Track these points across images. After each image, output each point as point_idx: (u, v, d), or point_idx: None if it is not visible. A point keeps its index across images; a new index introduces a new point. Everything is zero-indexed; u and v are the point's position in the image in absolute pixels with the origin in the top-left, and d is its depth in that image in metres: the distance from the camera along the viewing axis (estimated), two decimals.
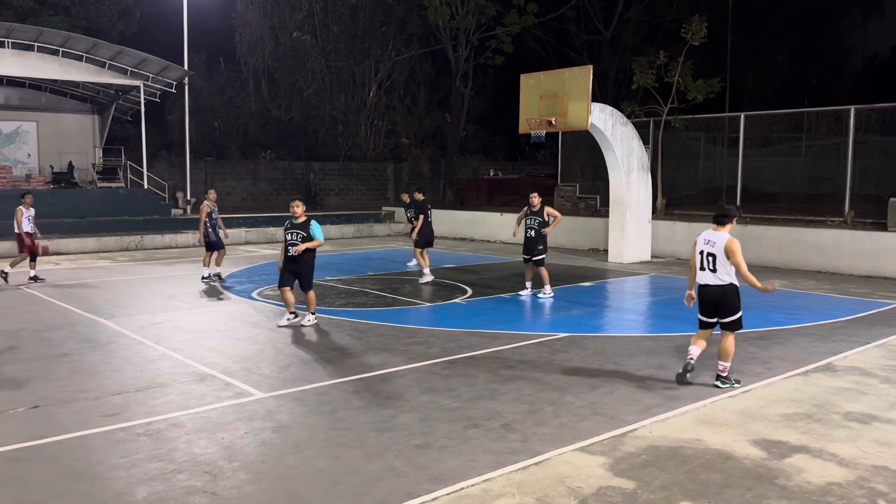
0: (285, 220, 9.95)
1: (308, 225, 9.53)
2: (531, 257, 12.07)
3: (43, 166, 26.11)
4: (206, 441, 5.60)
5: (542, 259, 12.00)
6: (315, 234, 9.51)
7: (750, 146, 19.37)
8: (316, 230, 9.53)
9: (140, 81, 24.07)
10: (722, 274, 6.92)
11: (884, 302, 11.85)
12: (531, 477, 4.96)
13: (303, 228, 9.51)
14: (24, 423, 6.00)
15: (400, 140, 39.34)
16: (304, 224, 9.55)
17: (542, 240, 11.97)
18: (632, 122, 17.46)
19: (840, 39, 44.30)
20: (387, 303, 11.67)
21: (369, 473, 5.00)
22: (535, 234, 11.97)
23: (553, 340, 8.99)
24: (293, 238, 9.47)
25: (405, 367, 7.68)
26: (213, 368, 7.65)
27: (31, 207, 13.66)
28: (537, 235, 11.94)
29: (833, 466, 5.17)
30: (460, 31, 30.96)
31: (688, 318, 10.40)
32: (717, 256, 6.88)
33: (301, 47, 36.65)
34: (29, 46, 22.00)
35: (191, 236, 21.37)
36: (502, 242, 22.46)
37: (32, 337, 9.18)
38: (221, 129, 36.78)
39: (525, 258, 12.25)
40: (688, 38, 19.69)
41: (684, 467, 5.13)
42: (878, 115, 17.24)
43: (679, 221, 18.62)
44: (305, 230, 9.49)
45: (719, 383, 7.04)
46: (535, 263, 12.06)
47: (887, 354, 8.44)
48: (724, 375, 7.07)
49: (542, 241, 11.97)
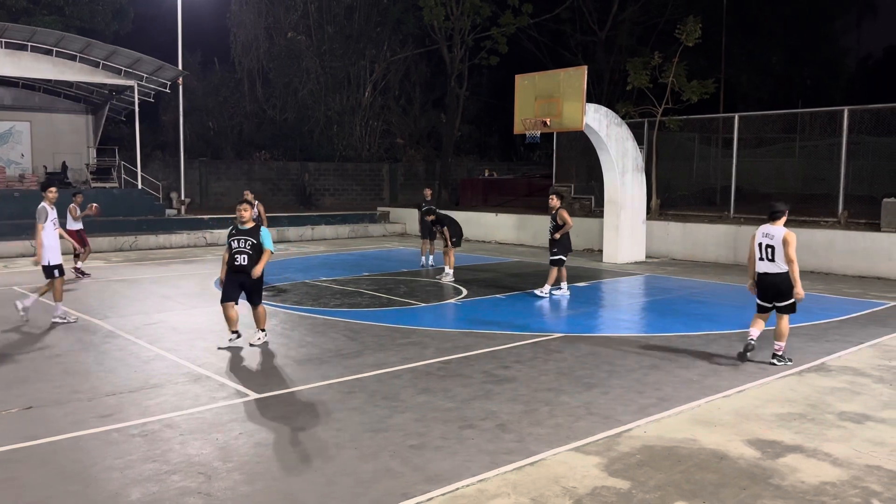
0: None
1: (258, 232, 8.44)
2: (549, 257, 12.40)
3: (36, 166, 26.00)
4: (201, 442, 5.58)
5: (557, 259, 12.20)
6: (266, 243, 8.46)
7: (744, 147, 19.43)
8: (266, 238, 8.49)
9: (134, 81, 24.01)
10: (780, 263, 7.78)
11: (877, 302, 11.89)
12: (526, 477, 4.96)
13: (251, 235, 8.39)
14: (17, 424, 5.98)
15: (395, 140, 39.33)
16: (253, 231, 8.43)
17: (557, 241, 12.14)
18: (626, 123, 17.48)
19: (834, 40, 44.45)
20: (382, 303, 11.66)
21: (364, 474, 5.00)
22: (550, 235, 12.30)
23: (548, 341, 8.99)
24: (241, 246, 8.34)
25: (400, 368, 7.68)
26: (208, 369, 7.64)
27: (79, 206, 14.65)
28: (551, 238, 12.24)
29: (827, 466, 5.18)
30: (455, 31, 30.98)
31: (682, 319, 10.44)
32: (775, 248, 7.78)
33: (296, 47, 36.62)
34: (22, 46, 21.92)
35: (185, 237, 21.34)
36: (497, 243, 22.47)
37: (26, 337, 9.14)
38: (216, 130, 36.71)
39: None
40: (682, 38, 19.75)
41: (679, 467, 5.14)
42: (872, 116, 17.31)
43: (673, 222, 18.66)
44: (255, 237, 8.39)
45: (775, 361, 7.92)
46: (550, 263, 12.29)
47: (881, 354, 8.47)
48: (780, 354, 7.96)
49: (557, 242, 12.14)
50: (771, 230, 7.84)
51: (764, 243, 7.89)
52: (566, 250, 12.28)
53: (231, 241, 8.42)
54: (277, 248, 19.47)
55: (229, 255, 8.39)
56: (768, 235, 7.85)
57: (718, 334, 9.42)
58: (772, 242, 7.79)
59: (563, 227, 12.09)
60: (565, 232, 12.14)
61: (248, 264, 8.30)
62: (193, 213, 25.26)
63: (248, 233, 8.41)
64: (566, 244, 12.26)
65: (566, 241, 12.24)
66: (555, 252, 12.17)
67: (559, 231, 12.08)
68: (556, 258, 12.18)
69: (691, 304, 11.74)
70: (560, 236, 12.10)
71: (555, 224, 12.16)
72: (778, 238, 7.72)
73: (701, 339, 9.13)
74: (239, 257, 8.33)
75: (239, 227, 8.50)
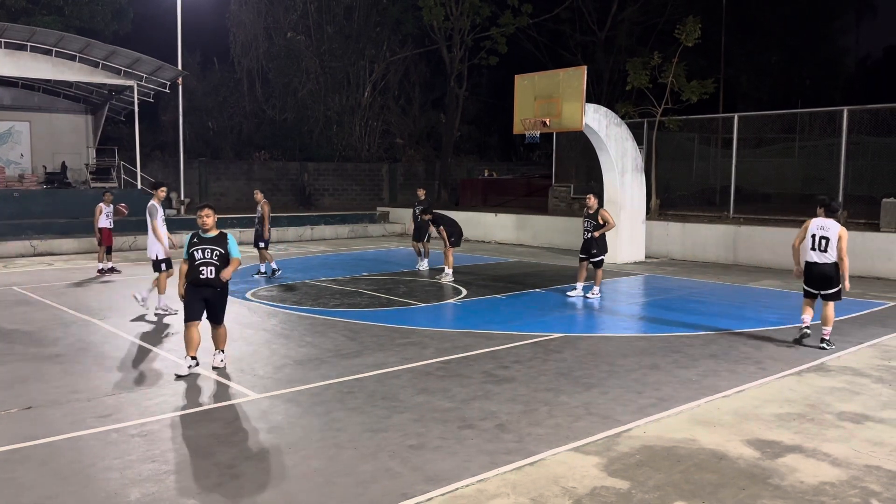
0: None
1: (224, 240, 7.55)
2: (588, 258, 12.31)
3: (36, 166, 26.00)
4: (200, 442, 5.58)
5: (599, 260, 12.22)
6: (233, 251, 7.58)
7: (743, 147, 19.45)
8: (234, 247, 7.61)
9: (133, 81, 24.00)
10: (831, 254, 8.48)
11: (876, 302, 11.90)
12: (526, 477, 4.96)
13: (218, 244, 7.48)
14: (16, 425, 5.97)
15: (395, 140, 39.34)
16: (219, 239, 7.53)
17: (597, 241, 12.15)
18: (626, 123, 17.49)
19: (833, 41, 44.49)
20: (381, 303, 11.66)
21: (363, 474, 5.00)
22: (590, 236, 12.25)
23: (547, 341, 8.99)
24: (206, 257, 7.40)
25: (399, 368, 7.68)
26: (207, 369, 7.63)
27: (110, 204, 14.83)
28: (592, 237, 12.20)
29: (826, 466, 5.18)
30: (455, 31, 31.00)
31: (681, 319, 10.44)
32: (829, 240, 8.47)
33: (295, 47, 36.61)
34: (22, 46, 21.90)
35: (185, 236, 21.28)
36: (497, 243, 22.47)
37: (25, 338, 9.14)
38: (215, 130, 36.71)
39: (581, 257, 12.48)
40: (682, 39, 19.76)
41: (678, 467, 5.14)
42: (871, 116, 17.33)
43: (673, 222, 18.67)
44: (222, 246, 7.48)
45: (824, 345, 8.57)
46: (594, 265, 12.29)
47: (880, 354, 8.48)
48: (828, 339, 8.62)
49: (597, 242, 12.15)
50: (826, 224, 8.53)
51: (818, 234, 8.54)
52: (605, 250, 12.35)
53: (194, 251, 7.44)
54: (277, 248, 19.51)
55: (190, 267, 7.42)
56: (823, 228, 8.52)
57: (718, 334, 9.42)
58: (827, 234, 8.47)
59: (604, 227, 12.11)
60: (606, 231, 12.17)
61: (215, 277, 7.39)
62: (193, 214, 25.21)
63: (213, 241, 7.50)
64: (605, 244, 12.31)
65: (604, 240, 12.29)
66: (594, 254, 12.19)
67: (599, 230, 12.10)
68: (597, 259, 12.21)
69: (691, 304, 11.74)
70: (599, 236, 12.13)
71: (594, 224, 12.17)
72: (834, 232, 8.44)
73: (700, 339, 9.13)
74: (204, 269, 7.37)
75: (202, 236, 7.53)
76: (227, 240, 7.58)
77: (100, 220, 14.75)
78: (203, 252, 7.43)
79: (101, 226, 14.74)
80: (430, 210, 14.89)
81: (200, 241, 7.49)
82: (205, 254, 7.43)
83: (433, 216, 14.59)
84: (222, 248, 7.49)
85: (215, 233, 7.58)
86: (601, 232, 12.11)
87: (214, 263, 7.41)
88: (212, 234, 7.55)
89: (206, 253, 7.43)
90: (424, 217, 14.94)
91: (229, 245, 7.57)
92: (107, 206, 14.86)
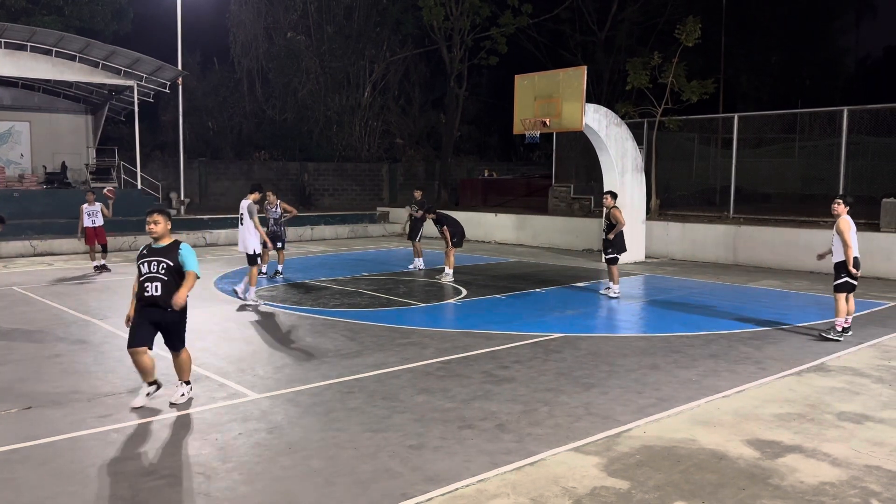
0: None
1: (176, 250, 6.36)
2: (604, 256, 12.59)
3: (36, 166, 26.00)
4: (200, 442, 5.58)
5: (612, 258, 12.34)
6: (188, 263, 6.37)
7: (743, 147, 19.45)
8: (189, 258, 6.40)
9: (133, 81, 24.00)
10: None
11: (876, 302, 11.90)
12: (526, 477, 4.96)
13: (168, 256, 6.32)
14: (16, 425, 5.97)
15: (395, 140, 39.33)
16: (169, 250, 6.36)
17: (612, 240, 12.26)
18: (626, 123, 17.49)
19: (833, 41, 44.51)
20: (381, 303, 11.66)
21: (363, 474, 5.00)
22: (604, 235, 12.45)
23: (547, 341, 8.99)
24: (153, 270, 6.27)
25: (399, 368, 7.68)
26: (207, 369, 7.63)
27: (93, 203, 15.02)
28: (606, 237, 12.39)
29: (826, 466, 5.18)
30: (455, 31, 30.98)
31: (681, 319, 10.44)
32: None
33: (295, 47, 36.61)
34: (22, 46, 21.91)
35: (185, 237, 21.31)
36: (497, 243, 22.47)
37: (25, 337, 9.14)
38: (215, 130, 36.71)
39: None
40: (682, 39, 19.75)
41: (678, 467, 5.14)
42: (871, 116, 17.33)
43: (673, 222, 18.66)
44: (172, 258, 6.32)
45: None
46: (607, 262, 12.47)
47: (880, 354, 8.48)
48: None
49: (611, 241, 12.27)
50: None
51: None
52: (621, 249, 12.42)
53: (140, 264, 6.32)
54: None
55: (139, 284, 6.33)
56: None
57: (718, 334, 9.42)
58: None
59: (616, 227, 12.18)
60: (618, 231, 12.22)
61: (162, 294, 6.20)
62: (193, 214, 25.26)
63: (162, 252, 6.33)
64: (620, 243, 12.38)
65: (620, 239, 12.35)
66: (609, 252, 12.33)
67: (612, 231, 12.19)
68: (610, 257, 12.35)
69: (691, 304, 11.74)
70: (614, 236, 12.22)
71: (608, 223, 12.30)
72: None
73: (700, 339, 9.13)
74: (150, 285, 6.21)
75: (152, 246, 6.43)
76: (180, 250, 6.36)
77: (84, 220, 14.93)
78: (149, 265, 6.28)
79: (85, 226, 14.91)
80: (433, 209, 14.97)
81: (150, 252, 6.38)
82: (151, 267, 6.28)
83: (437, 216, 14.61)
84: (172, 259, 6.30)
85: (167, 242, 6.42)
86: (614, 232, 12.20)
87: (161, 278, 6.23)
88: (162, 243, 6.41)
89: (152, 266, 6.28)
90: (429, 216, 14.94)
91: (182, 256, 6.34)
92: (90, 206, 15.01)
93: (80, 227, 15.06)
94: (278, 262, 14.61)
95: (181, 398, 6.52)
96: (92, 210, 15.00)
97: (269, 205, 14.53)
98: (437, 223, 14.55)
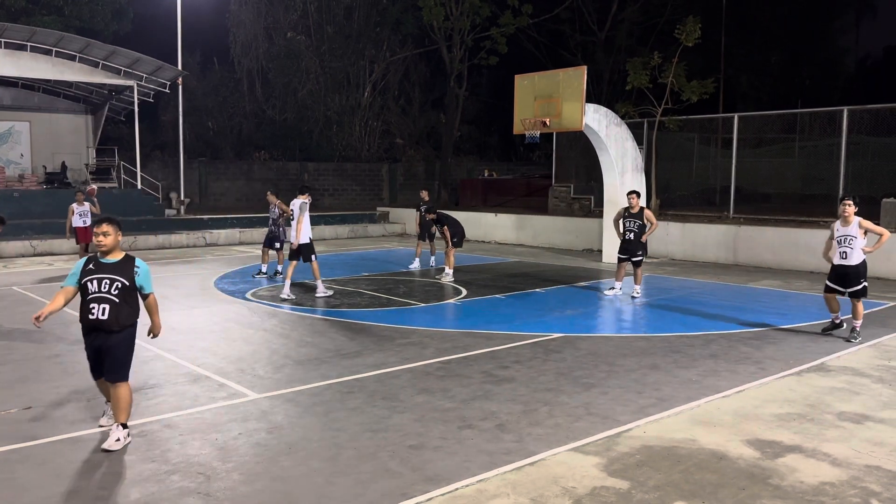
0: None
1: (132, 268, 5.52)
2: (630, 258, 12.23)
3: (36, 166, 26.01)
4: (200, 442, 5.58)
5: (639, 260, 12.23)
6: (147, 286, 5.60)
7: (743, 147, 19.45)
8: (147, 279, 5.60)
9: (133, 81, 24.01)
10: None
11: (876, 302, 11.90)
12: (526, 477, 4.96)
13: (121, 274, 5.46)
14: (16, 425, 5.97)
15: (394, 140, 39.34)
16: (123, 266, 5.50)
17: (644, 242, 12.19)
18: (626, 123, 17.48)
19: (833, 41, 44.52)
20: (381, 303, 11.66)
21: (363, 474, 5.00)
22: (634, 237, 12.15)
23: (547, 341, 8.99)
24: (102, 290, 5.39)
25: (400, 368, 7.68)
26: (207, 369, 7.63)
27: (83, 203, 15.14)
28: (637, 238, 12.14)
29: (826, 466, 5.18)
30: (455, 31, 30.99)
31: (681, 319, 10.44)
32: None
33: (295, 47, 36.62)
34: (22, 46, 21.92)
35: (185, 237, 21.34)
36: (497, 243, 22.47)
37: (25, 337, 9.14)
38: (215, 130, 36.72)
39: (621, 258, 12.40)
40: (682, 39, 19.75)
41: (678, 467, 5.14)
42: (871, 116, 17.33)
43: (673, 222, 18.66)
44: (127, 277, 5.47)
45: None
46: (634, 264, 12.25)
47: (880, 354, 8.48)
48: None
49: (643, 243, 12.19)
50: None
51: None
52: (646, 250, 12.39)
53: (87, 281, 5.41)
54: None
55: (81, 303, 5.47)
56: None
57: (718, 334, 9.42)
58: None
59: (651, 228, 12.13)
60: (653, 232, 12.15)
61: (109, 318, 5.37)
62: (193, 214, 25.27)
63: (115, 269, 5.45)
64: (645, 244, 12.32)
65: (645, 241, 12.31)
66: (639, 254, 12.18)
67: (647, 233, 12.09)
68: (637, 259, 12.20)
69: (691, 304, 11.74)
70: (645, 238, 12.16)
71: (640, 223, 12.11)
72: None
73: (700, 339, 9.13)
74: (97, 307, 5.36)
75: (100, 261, 5.48)
76: (137, 268, 5.55)
77: (73, 220, 15.07)
78: (99, 283, 5.39)
79: (75, 225, 15.04)
80: (433, 209, 15.03)
81: (97, 268, 5.44)
82: (101, 285, 5.39)
83: (437, 216, 14.67)
84: (125, 277, 5.46)
85: (118, 257, 5.52)
86: (648, 234, 12.11)
87: (111, 300, 5.39)
88: (113, 258, 5.50)
89: (102, 284, 5.39)
90: (429, 216, 15.02)
91: (140, 277, 5.54)
92: (79, 206, 15.11)
93: (69, 227, 15.20)
94: (278, 263, 14.59)
95: (116, 444, 5.36)
96: (82, 210, 15.11)
97: (270, 205, 14.54)
98: (437, 223, 14.61)
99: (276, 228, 14.36)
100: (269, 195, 14.72)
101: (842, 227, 9.00)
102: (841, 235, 9.00)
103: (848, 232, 8.93)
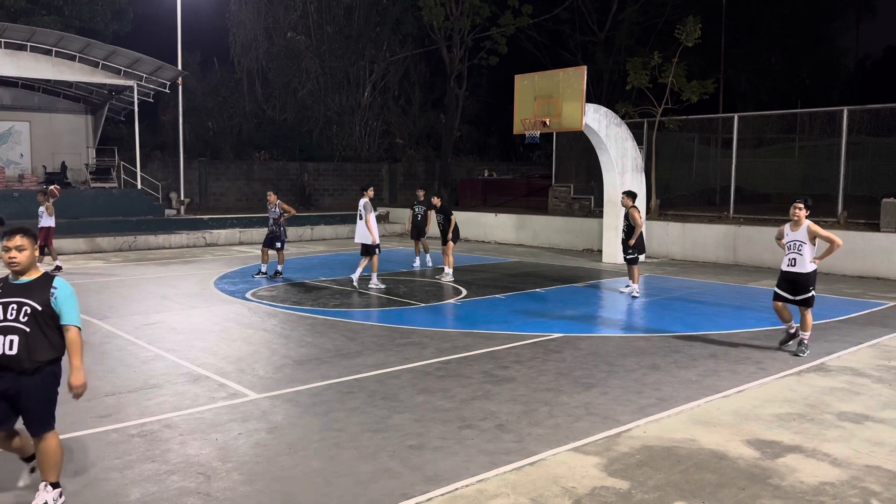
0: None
1: (48, 289, 4.34)
2: (624, 257, 12.59)
3: (36, 166, 26.00)
4: (200, 442, 5.58)
5: (633, 258, 12.34)
6: (67, 314, 4.39)
7: (743, 147, 19.45)
8: (68, 303, 4.38)
9: (133, 81, 24.01)
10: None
11: (876, 302, 11.90)
12: (526, 477, 4.96)
13: (34, 297, 4.31)
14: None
15: (394, 140, 39.33)
16: (36, 287, 4.35)
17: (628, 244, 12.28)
18: (626, 123, 17.49)
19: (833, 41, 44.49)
20: (381, 303, 11.66)
21: (363, 474, 5.00)
22: (624, 236, 12.37)
23: (547, 341, 8.99)
24: (10, 317, 4.26)
25: (399, 368, 7.68)
26: (207, 369, 7.63)
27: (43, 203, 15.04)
28: (626, 238, 12.32)
29: (826, 466, 5.18)
30: (455, 31, 31.00)
31: (681, 319, 10.44)
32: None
33: (295, 47, 36.61)
34: (22, 46, 21.91)
35: (184, 237, 21.33)
36: (497, 243, 22.47)
37: None
38: (215, 130, 36.70)
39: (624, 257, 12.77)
40: (682, 39, 19.76)
41: (678, 467, 5.14)
42: (871, 116, 17.33)
43: (673, 222, 18.66)
44: (40, 300, 4.32)
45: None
46: (627, 262, 12.45)
47: (880, 354, 8.48)
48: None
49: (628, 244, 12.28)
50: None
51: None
52: (641, 249, 12.44)
53: None
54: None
55: None
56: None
57: (718, 334, 9.42)
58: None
59: (635, 230, 12.17)
60: (638, 235, 12.18)
61: (18, 352, 4.27)
62: (193, 214, 25.27)
63: (26, 291, 4.31)
64: (640, 243, 12.38)
65: (640, 239, 12.34)
66: (630, 252, 12.30)
67: (633, 236, 12.14)
68: (630, 257, 12.33)
69: (691, 304, 11.74)
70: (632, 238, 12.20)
71: (627, 224, 12.27)
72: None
73: (700, 339, 9.13)
74: (2, 339, 4.24)
75: (10, 282, 4.37)
76: (54, 289, 4.36)
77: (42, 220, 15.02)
78: (5, 309, 4.26)
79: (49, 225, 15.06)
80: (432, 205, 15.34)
81: (5, 290, 4.33)
82: (8, 311, 4.25)
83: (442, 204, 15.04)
84: (40, 302, 4.30)
85: (32, 276, 4.39)
86: (635, 237, 12.14)
87: (20, 329, 4.26)
88: (26, 277, 4.37)
89: (9, 311, 4.25)
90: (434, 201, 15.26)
91: (57, 300, 4.34)
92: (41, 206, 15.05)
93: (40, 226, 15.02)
94: (278, 263, 14.59)
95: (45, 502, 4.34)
96: (40, 210, 15.07)
97: (269, 205, 14.53)
98: (440, 212, 14.91)
99: (277, 228, 14.35)
100: (270, 195, 14.71)
101: (791, 232, 8.38)
102: (790, 240, 8.37)
103: (797, 237, 8.30)
